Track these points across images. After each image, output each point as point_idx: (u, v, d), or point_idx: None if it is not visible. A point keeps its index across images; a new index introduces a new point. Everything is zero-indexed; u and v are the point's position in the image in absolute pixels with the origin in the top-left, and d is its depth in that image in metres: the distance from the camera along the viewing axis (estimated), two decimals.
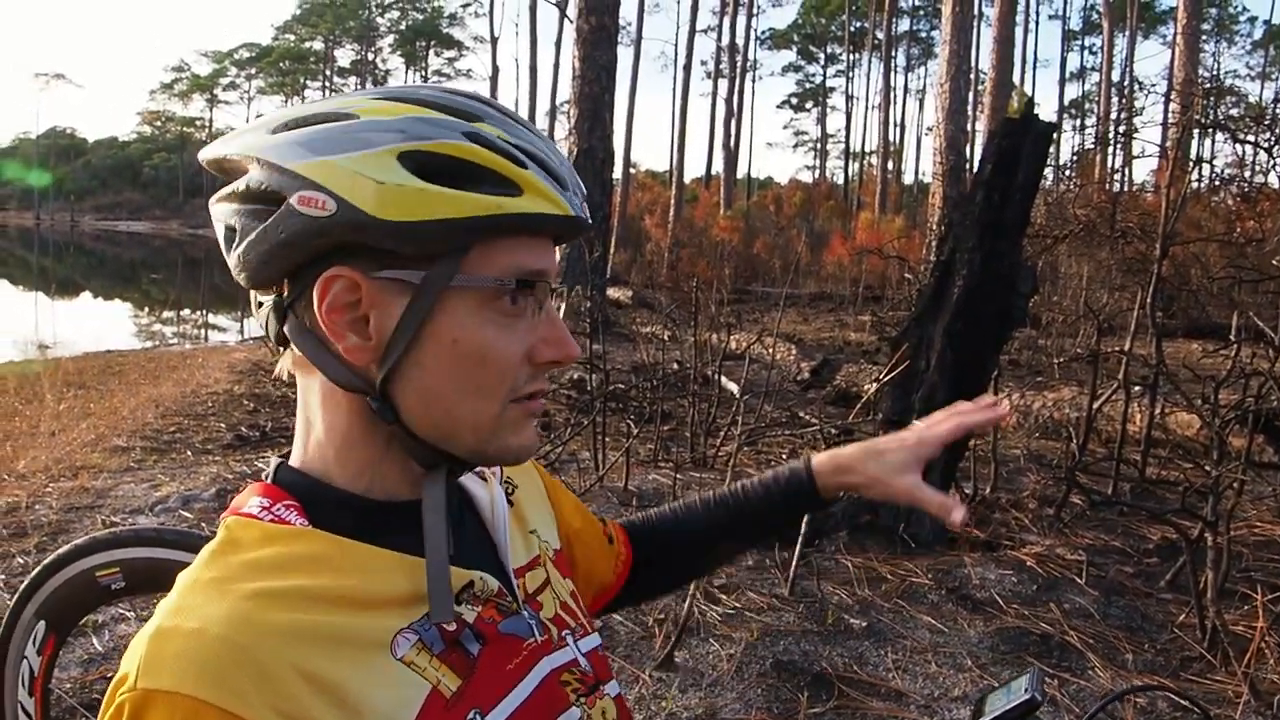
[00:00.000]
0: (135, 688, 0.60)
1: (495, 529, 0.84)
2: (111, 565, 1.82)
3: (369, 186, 0.67)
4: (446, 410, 0.72)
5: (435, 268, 0.69)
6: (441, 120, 0.70)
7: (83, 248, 46.55)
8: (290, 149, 0.69)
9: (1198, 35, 21.26)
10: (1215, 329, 10.18)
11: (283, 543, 0.69)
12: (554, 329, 0.75)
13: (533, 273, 0.72)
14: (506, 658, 0.75)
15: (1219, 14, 49.56)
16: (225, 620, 0.62)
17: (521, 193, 0.70)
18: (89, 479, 5.11)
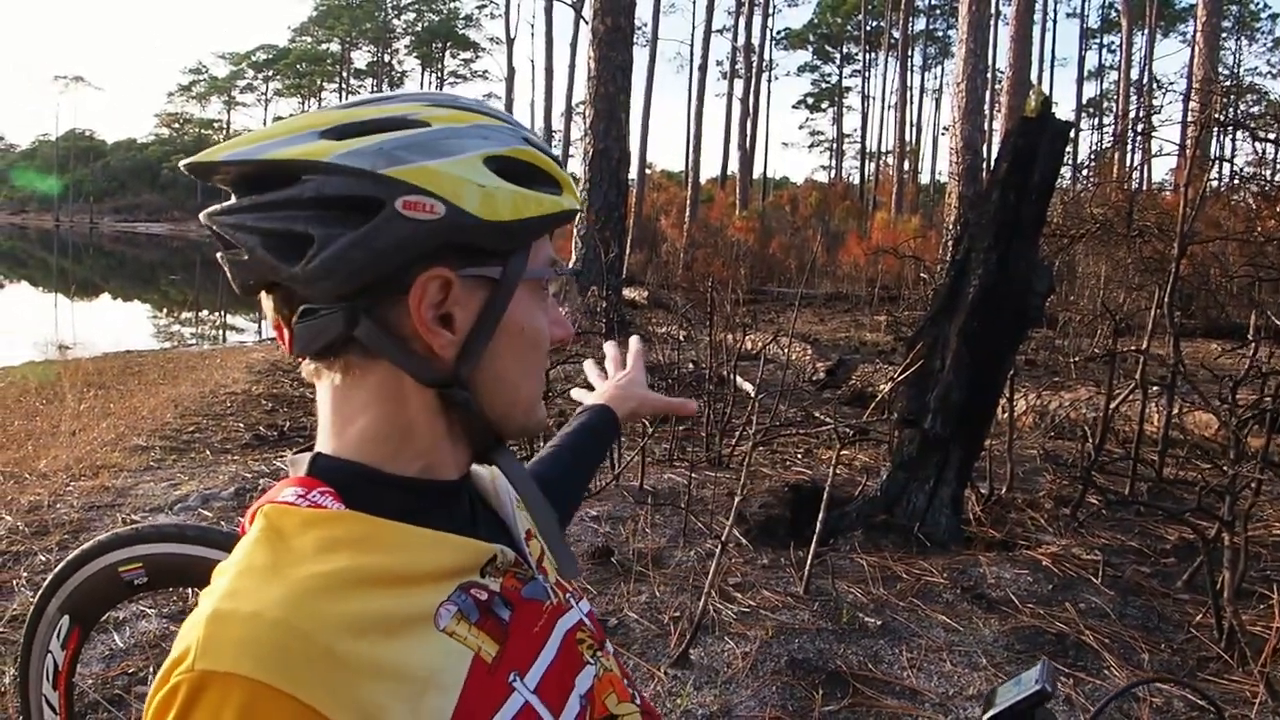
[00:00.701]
0: (193, 669, 0.61)
1: (501, 505, 0.89)
2: (134, 561, 1.85)
3: (473, 190, 0.72)
4: (513, 392, 0.81)
5: (510, 263, 0.77)
6: (503, 127, 0.79)
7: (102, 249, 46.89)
8: (376, 156, 0.70)
9: (1218, 32, 21.10)
10: (1234, 329, 10.12)
11: (323, 526, 0.71)
12: (558, 311, 0.85)
13: (555, 262, 0.82)
14: (532, 621, 0.79)
15: (1240, 11, 49.21)
16: (282, 604, 0.64)
17: (561, 191, 0.80)
18: (109, 478, 5.16)
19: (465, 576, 0.75)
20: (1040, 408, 6.60)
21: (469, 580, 0.75)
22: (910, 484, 4.10)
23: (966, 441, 4.08)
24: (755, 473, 5.09)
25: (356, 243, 0.70)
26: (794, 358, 8.91)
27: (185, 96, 74.65)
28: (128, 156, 78.69)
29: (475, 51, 64.84)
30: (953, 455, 4.05)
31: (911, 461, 4.09)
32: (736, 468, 5.12)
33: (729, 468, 5.28)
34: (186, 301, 22.32)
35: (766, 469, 5.33)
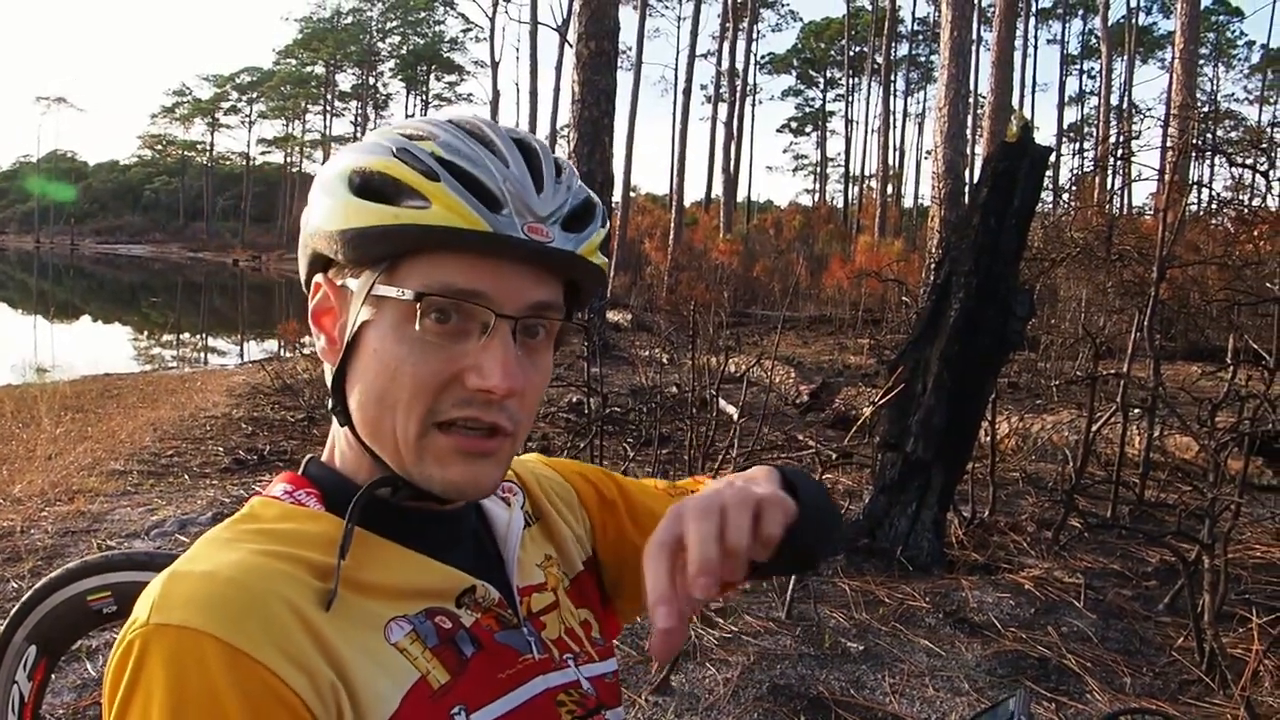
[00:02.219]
0: (146, 624, 0.63)
1: (506, 547, 0.86)
2: (103, 589, 1.81)
3: (322, 201, 0.75)
4: (373, 420, 0.75)
5: (362, 276, 0.74)
6: (387, 139, 0.76)
7: (82, 271, 46.65)
8: (319, 173, 0.79)
9: (1195, 59, 21.38)
10: (1215, 351, 10.19)
11: (298, 521, 0.74)
12: (486, 354, 0.72)
13: (458, 291, 0.72)
14: (499, 666, 0.77)
15: (1217, 38, 49.84)
16: (236, 565, 0.66)
17: (430, 205, 0.71)
18: (85, 503, 5.10)
19: (435, 601, 0.75)
20: (1022, 431, 6.61)
21: (438, 606, 0.75)
22: (892, 508, 4.09)
23: (948, 465, 4.08)
24: None
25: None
26: (777, 381, 8.91)
27: (168, 118, 74.33)
28: (110, 178, 78.51)
29: (460, 74, 65.00)
30: (935, 479, 4.05)
31: (893, 485, 4.09)
32: None
33: None
34: (167, 324, 22.22)
35: None
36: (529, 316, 0.74)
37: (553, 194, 0.75)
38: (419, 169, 0.72)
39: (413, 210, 0.71)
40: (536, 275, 0.74)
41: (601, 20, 12.62)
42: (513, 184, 0.73)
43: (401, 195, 0.72)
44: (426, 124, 0.77)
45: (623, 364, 10.66)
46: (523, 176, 0.74)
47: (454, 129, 0.76)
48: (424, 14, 62.46)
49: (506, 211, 0.71)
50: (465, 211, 0.70)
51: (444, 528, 0.81)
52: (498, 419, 0.73)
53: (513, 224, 0.71)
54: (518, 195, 0.72)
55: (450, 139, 0.74)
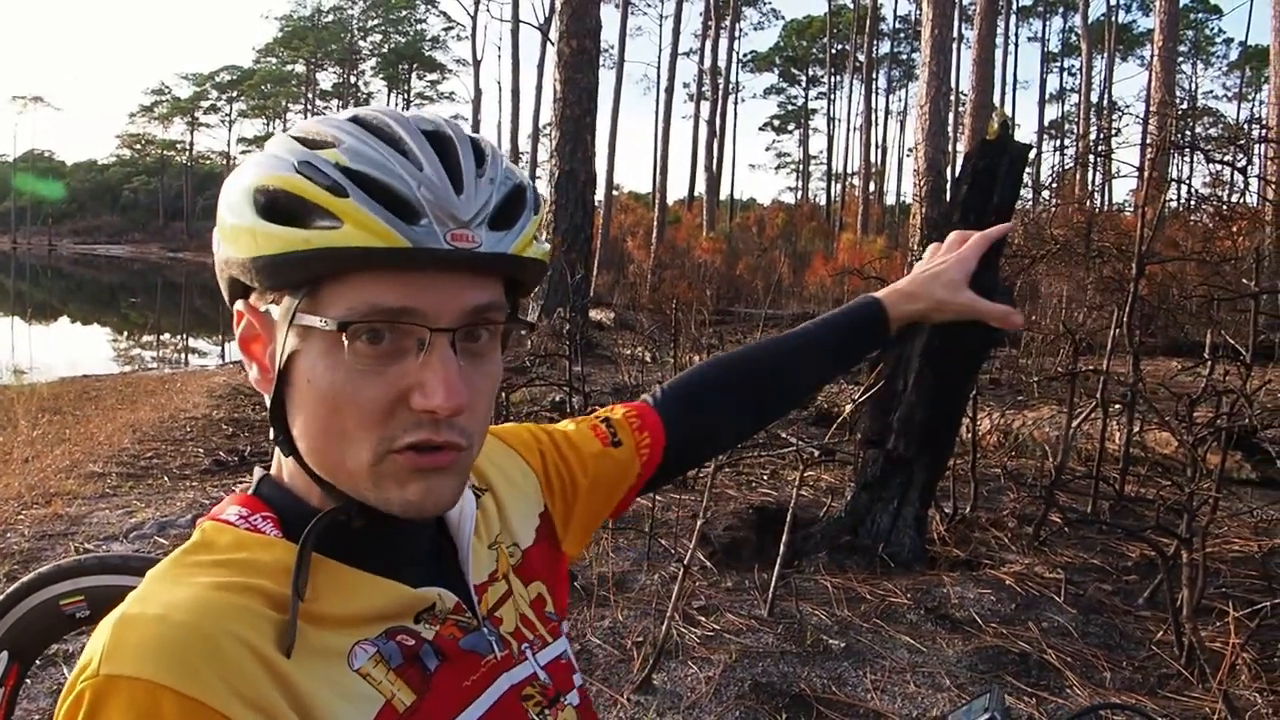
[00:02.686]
0: (97, 674, 0.60)
1: (460, 544, 0.84)
2: (76, 594, 1.80)
3: (228, 224, 0.71)
4: (320, 451, 0.72)
5: (281, 305, 0.70)
6: (286, 150, 0.70)
7: (60, 271, 46.28)
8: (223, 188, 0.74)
9: (1174, 57, 21.52)
10: (1193, 347, 10.26)
11: (254, 549, 0.70)
12: (427, 373, 0.68)
13: (387, 311, 0.67)
14: (464, 674, 0.75)
15: (1195, 36, 50.23)
16: (188, 607, 0.63)
17: (341, 225, 0.66)
18: (63, 506, 5.06)
19: (395, 621, 0.73)
20: (1004, 427, 6.63)
21: (398, 626, 0.73)
22: (874, 505, 4.09)
23: (930, 462, 4.09)
24: (720, 495, 5.08)
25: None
26: None
27: (147, 117, 73.81)
28: (88, 178, 77.88)
29: (442, 73, 64.83)
30: (916, 475, 4.06)
31: (875, 482, 4.09)
32: (701, 490, 5.10)
33: (694, 490, 5.26)
34: (147, 325, 22.09)
35: (732, 491, 5.32)
36: (468, 324, 0.70)
37: (475, 192, 0.69)
38: (324, 185, 0.67)
39: (324, 232, 0.66)
40: (469, 280, 0.70)
41: (583, 18, 12.61)
42: (428, 189, 0.67)
43: (310, 215, 0.66)
44: (329, 127, 0.71)
45: (606, 362, 10.65)
46: (439, 178, 0.68)
47: (358, 130, 0.70)
48: (405, 12, 62.25)
49: (425, 221, 0.66)
50: (380, 228, 0.65)
51: (396, 538, 0.78)
52: (449, 437, 0.70)
53: (433, 234, 0.66)
54: (436, 201, 0.67)
55: (355, 144, 0.69)
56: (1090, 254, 7.25)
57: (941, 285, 1.18)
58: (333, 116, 0.73)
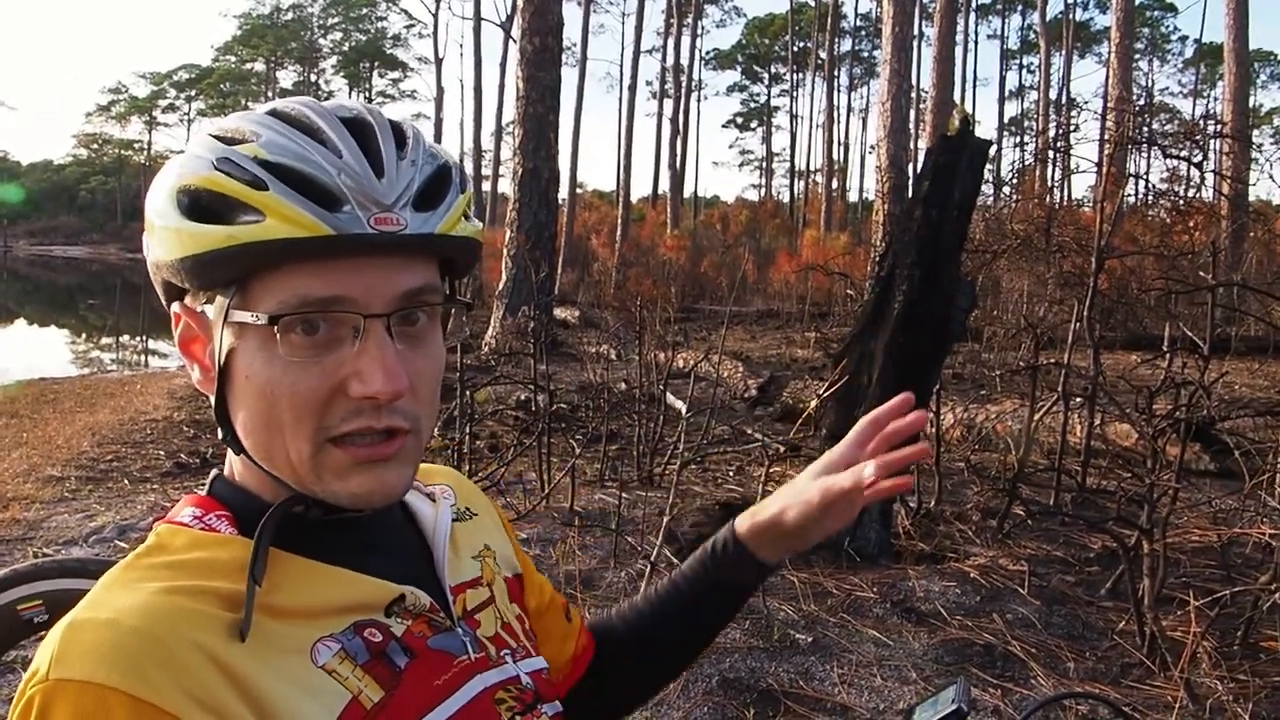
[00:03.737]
0: (46, 679, 0.59)
1: (435, 545, 0.83)
2: (34, 598, 1.77)
3: (155, 227, 0.70)
4: (263, 445, 0.72)
5: (214, 303, 0.70)
6: (205, 149, 0.70)
7: (16, 273, 45.43)
8: (150, 190, 0.74)
9: (1131, 54, 21.84)
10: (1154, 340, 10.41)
11: (208, 549, 0.70)
12: (364, 359, 0.68)
13: (319, 301, 0.67)
14: (435, 673, 0.74)
15: (1152, 34, 50.94)
16: (139, 611, 0.62)
17: (264, 218, 0.66)
18: (20, 510, 4.97)
19: (362, 614, 0.72)
20: (967, 421, 6.69)
21: (366, 619, 0.72)
22: None
23: None
24: (686, 491, 5.08)
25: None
26: (725, 375, 8.94)
27: (104, 117, 72.67)
28: (43, 178, 76.54)
29: (404, 71, 64.35)
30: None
31: None
32: (668, 487, 5.11)
33: (661, 487, 5.26)
34: (105, 327, 21.76)
35: (698, 487, 5.32)
36: (402, 308, 0.70)
37: (397, 174, 0.69)
38: (243, 179, 0.66)
39: (247, 227, 0.66)
40: (400, 264, 0.70)
41: (545, 16, 12.57)
42: (349, 175, 0.67)
43: (232, 211, 0.66)
44: (246, 122, 0.71)
45: (571, 361, 10.62)
46: (359, 164, 0.68)
47: (275, 122, 0.70)
48: (366, 10, 61.76)
49: (348, 208, 0.66)
50: (302, 218, 0.65)
51: (363, 534, 0.78)
52: (391, 422, 0.70)
53: (357, 220, 0.66)
54: (357, 187, 0.67)
55: (273, 136, 0.69)
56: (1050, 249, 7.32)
57: (793, 487, 1.02)
58: (251, 111, 0.73)
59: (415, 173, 0.71)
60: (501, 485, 5.11)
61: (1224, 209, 12.46)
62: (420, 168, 0.71)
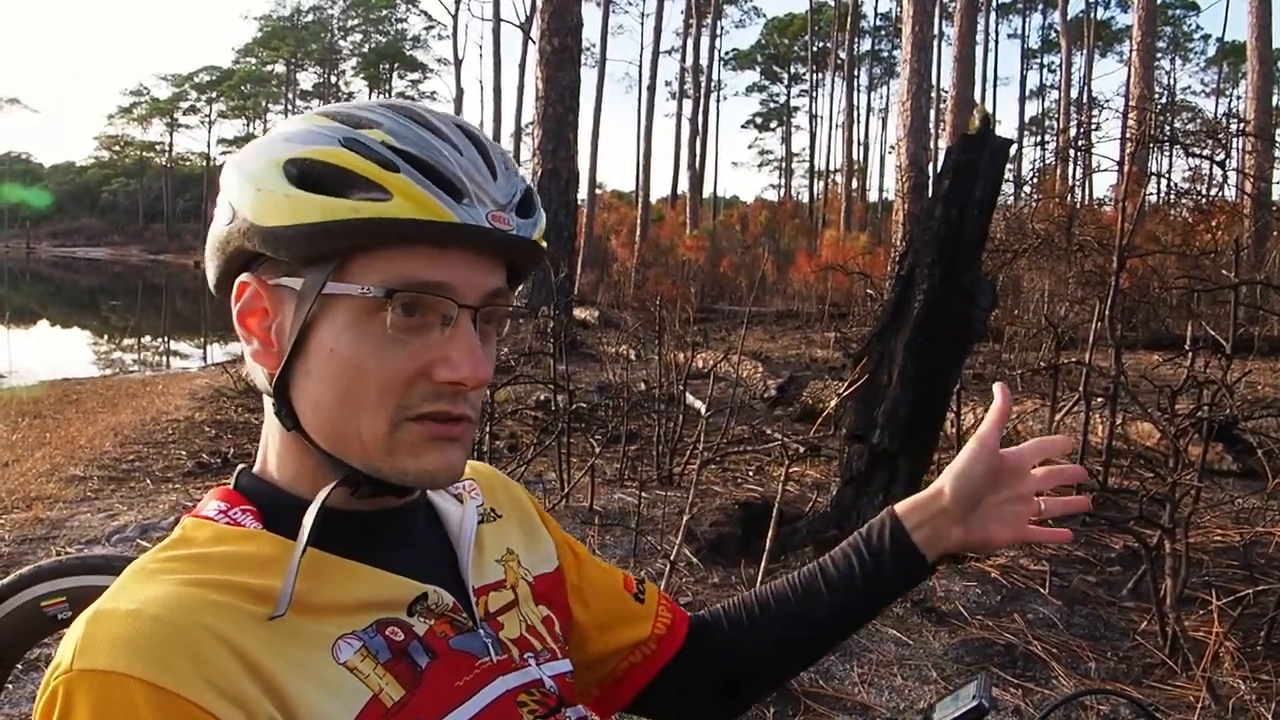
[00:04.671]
0: (70, 669, 0.60)
1: (460, 546, 0.84)
2: (58, 595, 1.78)
3: (250, 194, 0.71)
4: (332, 420, 0.72)
5: (310, 275, 0.71)
6: (327, 128, 0.72)
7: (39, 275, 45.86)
8: (232, 163, 0.75)
9: (1153, 53, 21.65)
10: (1176, 340, 10.33)
11: (233, 543, 0.71)
12: (453, 347, 0.71)
13: (421, 284, 0.70)
14: (456, 674, 0.74)
15: (1174, 32, 50.58)
16: (162, 602, 0.63)
17: (390, 198, 0.68)
18: (44, 509, 5.01)
19: (385, 613, 0.73)
20: None
21: (389, 617, 0.73)
22: (860, 499, 4.10)
23: (915, 456, 4.09)
24: (706, 491, 5.08)
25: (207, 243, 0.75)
26: (745, 375, 8.93)
27: (126, 119, 73.22)
28: (66, 180, 77.28)
29: (423, 73, 64.63)
30: (901, 469, 4.06)
31: (860, 477, 4.10)
32: (688, 486, 5.10)
33: (680, 486, 5.26)
34: (127, 328, 21.93)
35: (718, 487, 5.32)
36: (487, 305, 0.73)
37: (505, 181, 0.74)
38: (374, 159, 0.69)
39: (371, 203, 0.68)
40: (493, 263, 0.74)
41: (564, 17, 12.60)
42: (470, 172, 0.71)
43: (352, 187, 0.68)
44: (365, 110, 0.74)
45: (590, 361, 10.64)
46: (476, 163, 0.72)
47: (396, 115, 0.73)
48: (386, 11, 62.05)
49: (468, 201, 0.70)
50: (430, 202, 0.68)
51: (387, 532, 0.78)
52: (463, 410, 0.73)
53: (477, 213, 0.70)
54: (477, 183, 0.71)
55: (397, 127, 0.72)
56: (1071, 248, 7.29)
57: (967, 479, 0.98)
58: (367, 102, 0.76)
59: (517, 182, 0.75)
60: (521, 485, 5.11)
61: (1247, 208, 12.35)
62: (521, 180, 0.76)
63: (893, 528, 0.98)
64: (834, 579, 0.99)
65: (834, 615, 1.00)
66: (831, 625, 1.01)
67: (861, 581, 0.98)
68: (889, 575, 0.98)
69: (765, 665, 1.04)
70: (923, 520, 0.98)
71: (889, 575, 0.98)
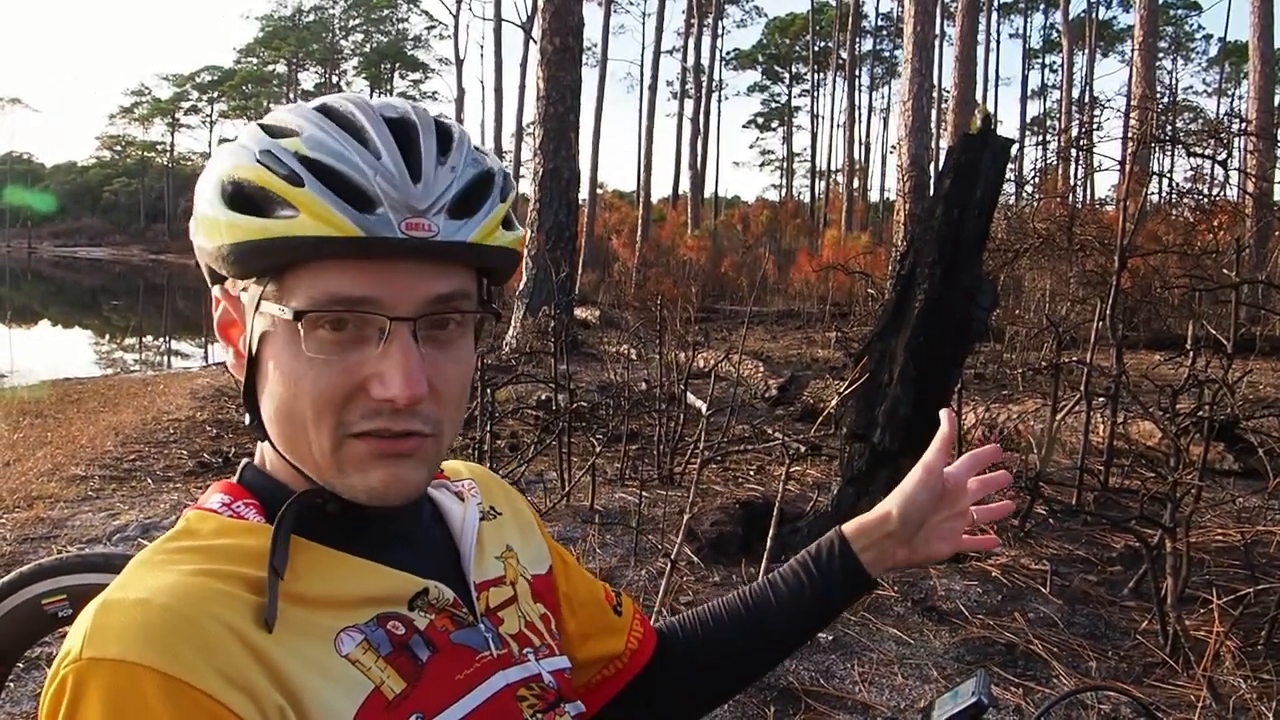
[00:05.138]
0: (80, 658, 0.60)
1: (462, 541, 0.85)
2: (58, 593, 1.78)
3: (202, 211, 0.72)
4: (288, 436, 0.73)
5: (249, 292, 0.72)
6: (251, 142, 0.71)
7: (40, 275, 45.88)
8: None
9: (1154, 53, 21.63)
10: (1177, 340, 10.32)
11: (236, 535, 0.71)
12: (387, 363, 0.69)
13: (346, 300, 0.68)
14: (457, 667, 0.75)
15: (1175, 32, 50.55)
16: (170, 591, 0.63)
17: (298, 214, 0.67)
18: (45, 509, 5.01)
19: (386, 606, 0.73)
20: (989, 420, 6.66)
21: (390, 611, 0.73)
22: (860, 498, 4.10)
23: (915, 455, 4.01)
24: (707, 490, 5.08)
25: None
26: (746, 375, 8.93)
27: (127, 119, 73.25)
28: (67, 180, 77.31)
29: (425, 72, 64.66)
30: (902, 469, 4.04)
31: (861, 476, 4.10)
32: (688, 485, 5.10)
33: (681, 486, 5.26)
34: (129, 327, 21.95)
35: (719, 486, 5.32)
36: (431, 313, 0.70)
37: (434, 180, 0.69)
38: (282, 174, 0.67)
39: (282, 221, 0.67)
40: (432, 269, 0.70)
41: (565, 16, 12.59)
42: (385, 178, 0.68)
43: (272, 205, 0.68)
44: (295, 115, 0.72)
45: (591, 361, 10.64)
46: (397, 166, 0.68)
47: (320, 118, 0.71)
48: (387, 11, 62.07)
49: (381, 210, 0.66)
50: (334, 217, 0.66)
51: (389, 527, 0.79)
52: (409, 425, 0.70)
53: (388, 223, 0.66)
54: (390, 191, 0.67)
55: (316, 132, 0.69)
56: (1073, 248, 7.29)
57: (910, 501, 1.02)
58: (302, 105, 0.74)
59: (454, 179, 0.71)
60: (522, 484, 5.12)
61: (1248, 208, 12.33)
62: (460, 174, 0.71)
63: (841, 548, 1.03)
64: (784, 595, 1.03)
65: (785, 628, 1.04)
66: (782, 638, 1.05)
67: (810, 597, 1.02)
68: (836, 591, 1.03)
69: (721, 676, 1.07)
70: (870, 543, 1.02)
71: (836, 591, 1.03)
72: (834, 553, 1.03)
